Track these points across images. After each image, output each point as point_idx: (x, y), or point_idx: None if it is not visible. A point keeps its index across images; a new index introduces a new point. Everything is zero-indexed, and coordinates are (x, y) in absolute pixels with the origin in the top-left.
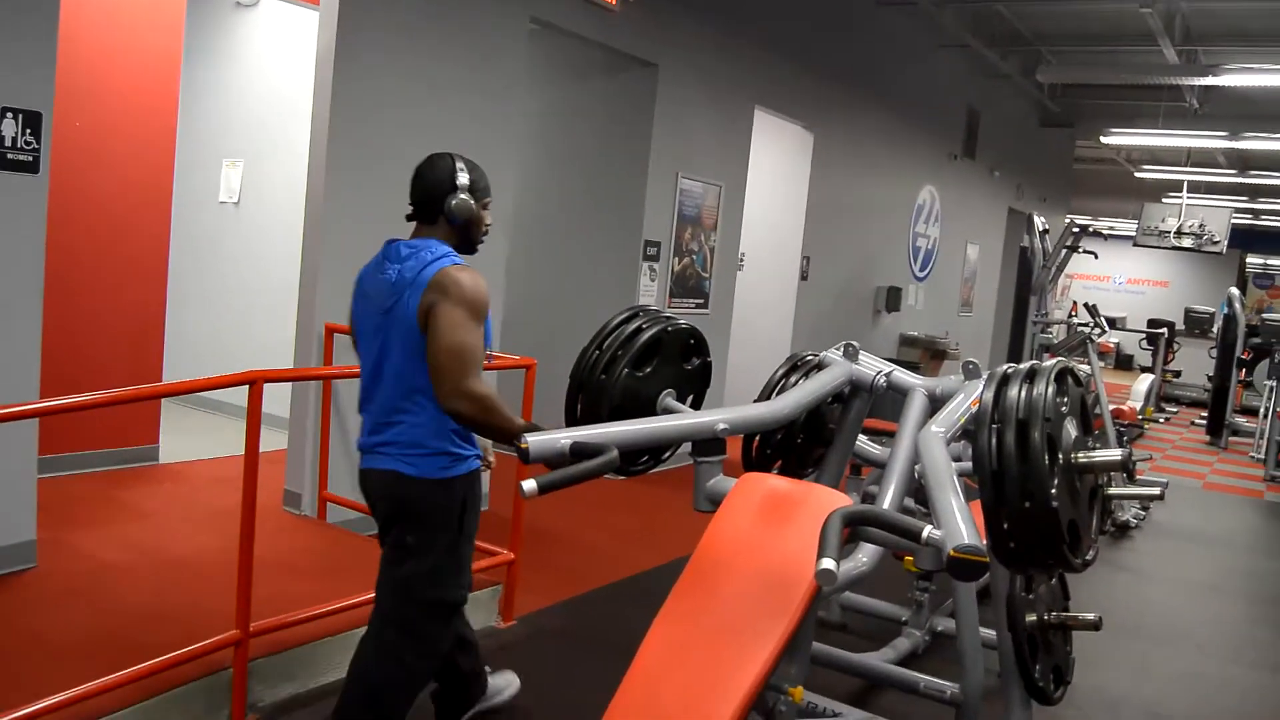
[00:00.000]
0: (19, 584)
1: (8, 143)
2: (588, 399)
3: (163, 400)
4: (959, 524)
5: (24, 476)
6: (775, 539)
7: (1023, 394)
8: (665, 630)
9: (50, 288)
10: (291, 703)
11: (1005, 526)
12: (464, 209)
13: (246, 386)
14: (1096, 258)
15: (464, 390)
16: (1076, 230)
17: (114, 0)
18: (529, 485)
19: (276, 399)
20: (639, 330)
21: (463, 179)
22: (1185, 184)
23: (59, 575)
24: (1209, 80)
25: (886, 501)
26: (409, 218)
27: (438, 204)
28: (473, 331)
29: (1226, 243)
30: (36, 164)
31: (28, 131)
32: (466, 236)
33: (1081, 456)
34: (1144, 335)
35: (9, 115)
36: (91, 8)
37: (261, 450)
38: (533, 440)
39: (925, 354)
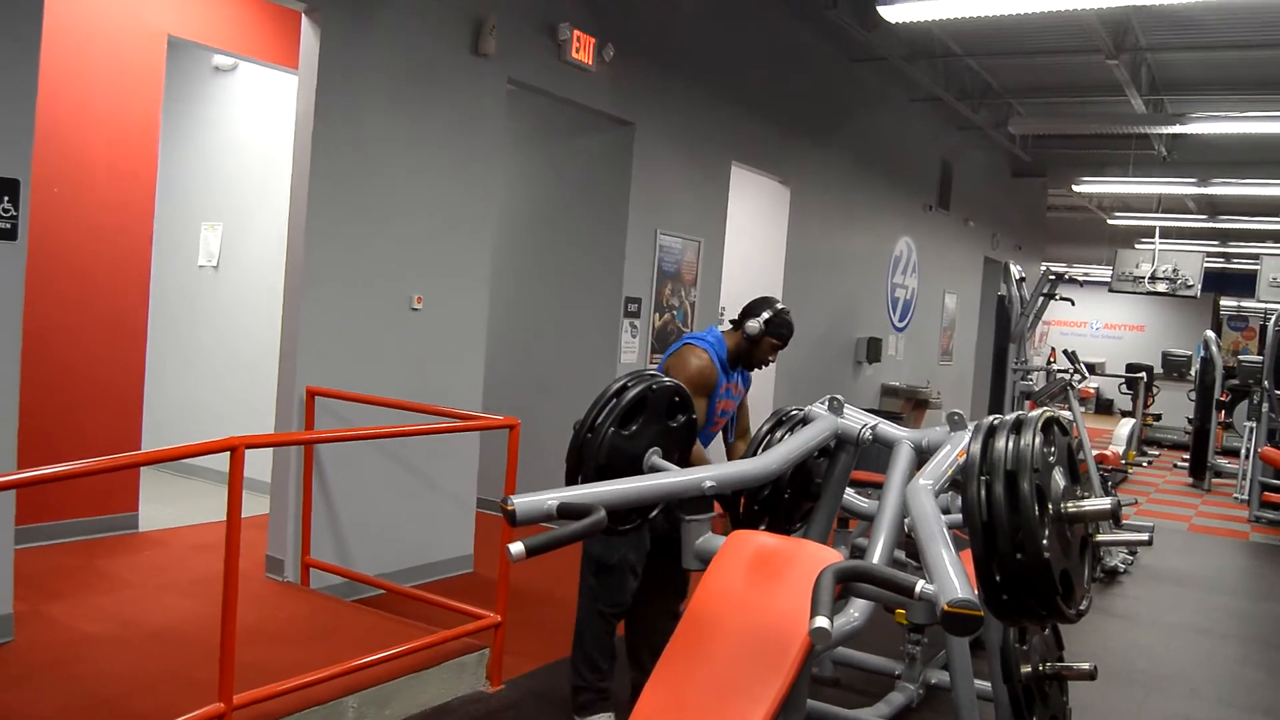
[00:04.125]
0: None
1: None
2: (573, 459)
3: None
4: (952, 578)
5: (0, 549)
6: (767, 596)
7: (1010, 445)
8: (659, 691)
9: (28, 354)
10: None
11: (998, 579)
12: (753, 330)
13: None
14: (1073, 304)
15: None
16: (1053, 277)
17: (93, 66)
18: (516, 548)
19: (258, 463)
20: (624, 388)
21: (766, 315)
22: (1157, 229)
23: (37, 649)
24: (1176, 128)
25: (876, 555)
26: (732, 321)
27: (743, 319)
28: None
29: (1200, 286)
30: (14, 231)
31: (5, 199)
32: (749, 354)
33: (1071, 506)
34: (1123, 380)
35: None
36: (70, 74)
37: (243, 516)
38: (519, 502)
39: (907, 404)
